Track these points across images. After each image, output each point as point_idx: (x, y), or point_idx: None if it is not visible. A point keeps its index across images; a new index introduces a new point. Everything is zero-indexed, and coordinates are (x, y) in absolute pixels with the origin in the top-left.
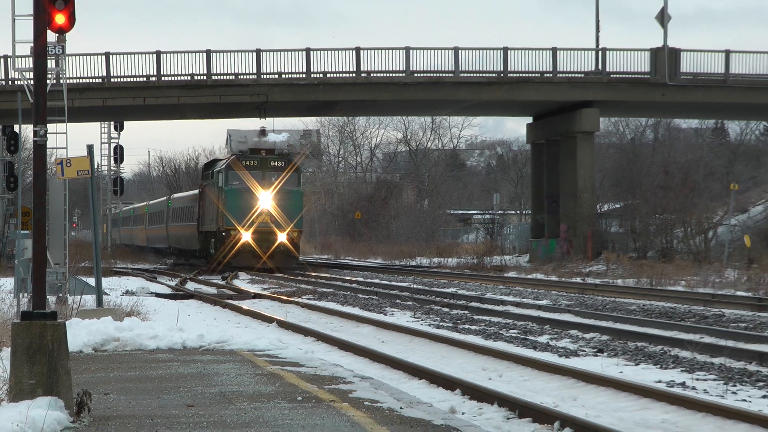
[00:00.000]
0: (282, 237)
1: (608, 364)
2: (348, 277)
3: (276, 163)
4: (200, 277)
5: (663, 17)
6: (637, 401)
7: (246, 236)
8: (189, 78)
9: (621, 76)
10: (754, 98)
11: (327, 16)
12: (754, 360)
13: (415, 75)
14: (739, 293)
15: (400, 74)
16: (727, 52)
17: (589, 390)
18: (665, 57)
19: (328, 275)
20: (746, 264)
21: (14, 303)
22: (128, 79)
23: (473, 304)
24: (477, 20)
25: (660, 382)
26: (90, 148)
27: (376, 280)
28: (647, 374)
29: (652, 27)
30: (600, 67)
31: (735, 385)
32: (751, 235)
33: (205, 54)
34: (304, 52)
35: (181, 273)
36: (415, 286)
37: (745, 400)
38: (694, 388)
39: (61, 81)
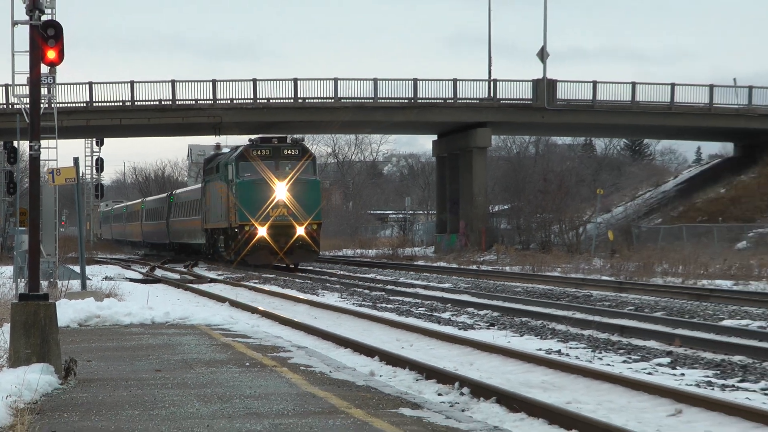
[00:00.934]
0: (301, 231)
1: (498, 335)
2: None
3: (290, 152)
4: (166, 266)
5: (543, 54)
6: (521, 365)
7: (262, 231)
8: (158, 103)
9: (509, 101)
10: (616, 120)
11: (270, 52)
12: (616, 332)
13: (342, 101)
14: (604, 278)
15: (330, 100)
16: (594, 83)
17: (483, 357)
18: (544, 86)
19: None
20: (610, 254)
21: (13, 287)
22: (108, 104)
23: (389, 287)
24: (392, 56)
25: (540, 350)
26: (75, 160)
27: (310, 267)
28: (530, 344)
29: (534, 62)
30: (492, 94)
31: (601, 352)
32: (613, 230)
33: (170, 83)
34: (251, 82)
35: (151, 262)
36: (341, 272)
37: (609, 364)
38: (567, 354)
39: (52, 105)
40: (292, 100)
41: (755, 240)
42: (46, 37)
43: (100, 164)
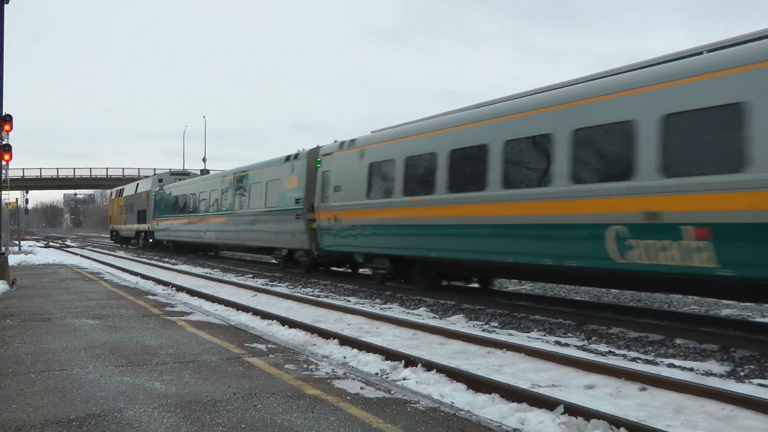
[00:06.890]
0: None
1: (186, 267)
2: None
3: None
4: (54, 242)
5: (204, 160)
6: (197, 279)
7: None
8: (50, 177)
9: None
10: None
11: (89, 153)
12: (232, 266)
13: (110, 176)
14: None
15: (104, 177)
16: None
17: (182, 276)
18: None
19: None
20: None
21: None
22: (30, 177)
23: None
24: (146, 157)
25: (206, 273)
26: (17, 200)
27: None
28: (200, 270)
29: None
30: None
31: (230, 275)
32: None
33: (56, 169)
34: (89, 169)
35: (46, 240)
36: (131, 246)
37: (231, 278)
38: (214, 273)
39: (5, 178)
40: (100, 177)
41: None
42: (4, 150)
43: (27, 201)
